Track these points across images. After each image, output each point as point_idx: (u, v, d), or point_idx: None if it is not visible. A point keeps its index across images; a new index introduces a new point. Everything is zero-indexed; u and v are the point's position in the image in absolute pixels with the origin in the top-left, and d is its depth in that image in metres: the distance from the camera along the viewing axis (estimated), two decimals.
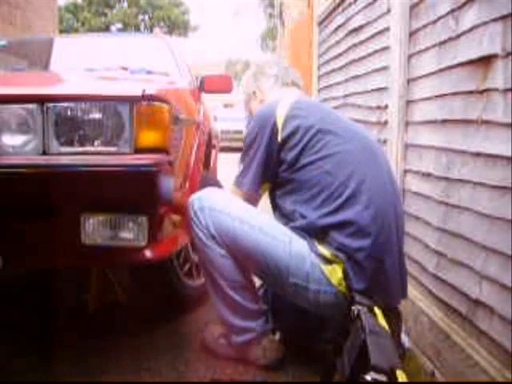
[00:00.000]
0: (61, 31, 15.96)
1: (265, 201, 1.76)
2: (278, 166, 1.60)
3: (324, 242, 1.50)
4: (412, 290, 1.84)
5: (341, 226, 1.48)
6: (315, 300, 1.52)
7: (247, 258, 1.57)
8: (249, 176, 1.64)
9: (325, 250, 1.49)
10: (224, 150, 7.56)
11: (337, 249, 1.48)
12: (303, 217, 1.54)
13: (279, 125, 1.58)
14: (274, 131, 1.58)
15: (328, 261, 1.49)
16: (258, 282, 1.74)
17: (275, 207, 1.69)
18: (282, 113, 1.59)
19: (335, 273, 1.48)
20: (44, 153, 1.46)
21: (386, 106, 2.24)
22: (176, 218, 1.74)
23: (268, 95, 1.85)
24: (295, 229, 1.55)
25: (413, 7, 1.98)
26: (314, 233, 1.51)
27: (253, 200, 1.67)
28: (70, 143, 1.47)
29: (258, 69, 1.91)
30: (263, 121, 1.62)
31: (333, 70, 3.51)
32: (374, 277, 1.48)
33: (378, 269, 1.49)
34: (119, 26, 28.80)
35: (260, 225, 1.56)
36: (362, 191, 1.50)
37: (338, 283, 1.48)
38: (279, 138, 1.57)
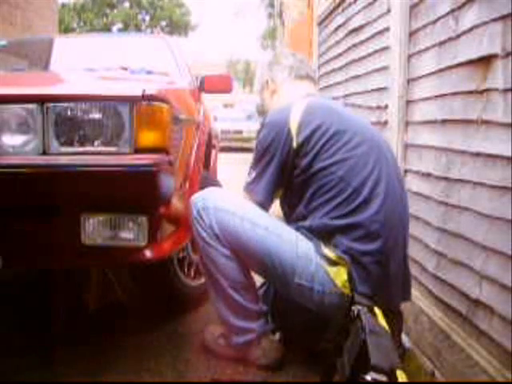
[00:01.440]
0: (64, 31, 15.94)
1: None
2: (291, 171, 1.57)
3: (330, 244, 1.50)
4: (412, 290, 1.84)
5: (349, 228, 1.48)
6: (320, 301, 1.52)
7: (252, 258, 1.57)
8: (262, 184, 1.60)
9: (330, 252, 1.49)
10: (224, 149, 7.56)
11: (343, 251, 1.47)
12: (313, 219, 1.53)
13: (294, 131, 1.55)
14: (288, 139, 1.55)
15: (333, 262, 1.49)
16: (258, 282, 1.74)
17: (286, 212, 1.68)
18: (296, 119, 1.56)
19: (340, 275, 1.48)
20: (44, 153, 1.46)
21: (386, 106, 2.24)
22: (176, 217, 1.74)
23: (281, 87, 1.82)
24: (302, 228, 1.55)
25: (413, 7, 1.98)
26: (321, 234, 1.51)
27: (265, 207, 1.64)
28: (70, 143, 1.47)
29: (274, 58, 1.89)
30: (277, 127, 1.58)
31: (333, 70, 3.51)
32: (378, 280, 1.48)
33: (383, 273, 1.49)
34: (120, 26, 28.80)
35: (266, 224, 1.55)
36: (374, 196, 1.49)
37: (342, 285, 1.48)
38: (294, 145, 1.54)
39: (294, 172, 1.57)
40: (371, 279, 1.47)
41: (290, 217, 1.65)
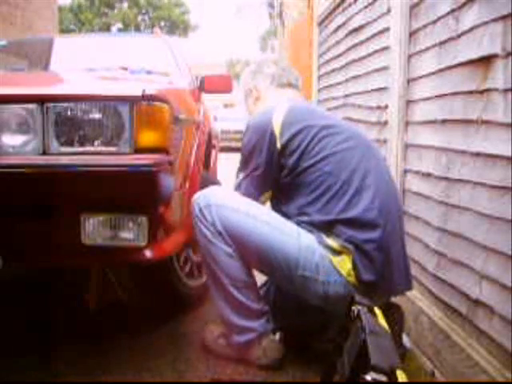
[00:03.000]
0: (61, 31, 15.97)
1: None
2: (278, 172, 1.60)
3: (332, 234, 1.51)
4: (412, 290, 1.84)
5: (347, 220, 1.50)
6: (325, 292, 1.53)
7: (255, 253, 1.57)
8: (250, 187, 1.64)
9: (333, 242, 1.51)
10: (224, 149, 7.56)
11: (345, 240, 1.49)
12: (309, 216, 1.55)
13: (277, 132, 1.58)
14: (272, 139, 1.58)
15: (336, 252, 1.50)
16: (259, 281, 1.74)
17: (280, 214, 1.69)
18: (279, 120, 1.60)
19: (344, 263, 1.50)
20: (44, 153, 1.46)
21: (386, 106, 2.24)
22: (176, 217, 1.73)
23: (264, 94, 1.86)
24: (302, 223, 1.56)
25: (413, 7, 1.98)
26: (322, 226, 1.52)
27: None
28: (70, 143, 1.47)
29: (257, 67, 1.92)
30: (260, 130, 1.62)
31: (333, 70, 3.50)
32: (382, 267, 1.50)
33: (385, 259, 1.51)
34: (120, 26, 28.82)
35: (268, 219, 1.56)
36: (366, 186, 1.52)
37: (347, 274, 1.50)
38: (278, 145, 1.58)
39: (281, 173, 1.60)
40: (374, 266, 1.49)
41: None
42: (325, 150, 1.55)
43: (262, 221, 1.56)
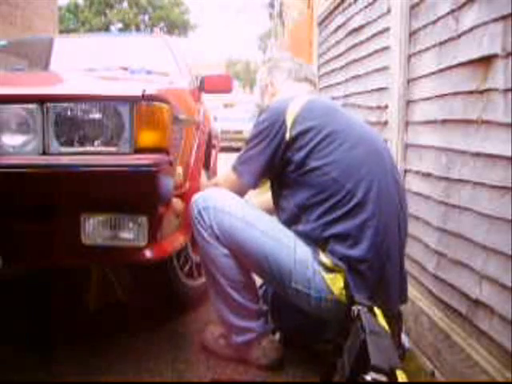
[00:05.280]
0: (61, 31, 15.98)
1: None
2: (284, 165, 1.58)
3: (326, 250, 1.49)
4: (412, 290, 1.84)
5: (342, 237, 1.47)
6: (317, 306, 1.52)
7: (250, 261, 1.57)
8: (249, 167, 1.62)
9: (326, 259, 1.49)
10: (224, 149, 7.55)
11: (339, 259, 1.47)
12: (307, 222, 1.53)
13: (288, 123, 1.56)
14: (282, 130, 1.56)
15: (329, 269, 1.48)
16: (258, 281, 1.74)
17: (278, 207, 1.68)
18: (293, 112, 1.57)
19: (336, 281, 1.48)
20: (44, 153, 1.46)
21: (386, 106, 2.24)
22: (176, 217, 1.73)
23: (279, 89, 1.84)
24: (298, 233, 1.54)
25: (413, 7, 1.98)
26: (317, 241, 1.51)
27: (244, 191, 1.67)
28: (70, 143, 1.47)
29: (273, 63, 1.91)
30: (274, 116, 1.60)
31: (333, 70, 3.50)
32: (375, 286, 1.48)
33: (380, 278, 1.49)
34: (119, 25, 28.83)
35: (265, 228, 1.55)
36: (369, 200, 1.48)
37: (338, 292, 1.48)
38: (287, 137, 1.55)
39: (288, 166, 1.57)
40: (368, 285, 1.47)
41: (282, 214, 1.64)
42: (334, 153, 1.51)
43: (260, 229, 1.54)
